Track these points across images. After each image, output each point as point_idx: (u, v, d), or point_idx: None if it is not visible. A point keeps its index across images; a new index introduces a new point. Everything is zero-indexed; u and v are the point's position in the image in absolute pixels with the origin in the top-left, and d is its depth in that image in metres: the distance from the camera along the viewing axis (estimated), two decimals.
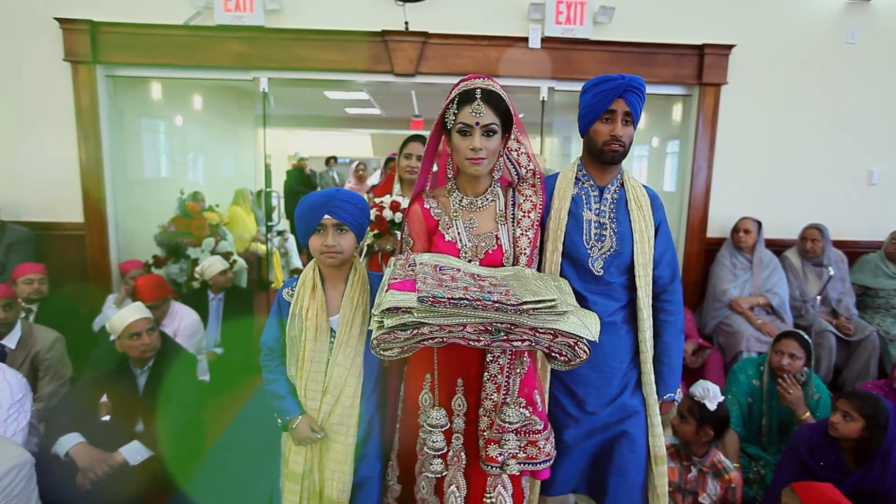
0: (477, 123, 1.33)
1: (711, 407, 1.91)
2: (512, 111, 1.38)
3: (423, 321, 1.17)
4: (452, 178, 1.48)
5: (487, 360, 1.39)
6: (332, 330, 1.49)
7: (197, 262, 3.73)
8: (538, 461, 1.43)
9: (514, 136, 1.45)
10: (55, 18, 3.18)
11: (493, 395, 1.40)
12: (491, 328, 1.19)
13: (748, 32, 3.40)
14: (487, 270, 1.37)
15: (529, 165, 1.50)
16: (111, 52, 3.28)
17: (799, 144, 3.53)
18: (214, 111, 5.35)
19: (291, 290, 1.52)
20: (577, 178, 1.56)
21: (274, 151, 7.41)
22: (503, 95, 1.36)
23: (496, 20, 3.36)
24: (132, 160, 3.98)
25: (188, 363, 2.40)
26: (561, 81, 3.48)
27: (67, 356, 2.59)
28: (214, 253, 3.84)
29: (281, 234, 5.56)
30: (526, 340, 1.21)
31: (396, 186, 2.46)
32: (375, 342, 1.22)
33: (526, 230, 1.45)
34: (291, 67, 3.38)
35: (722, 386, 2.56)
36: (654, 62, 3.41)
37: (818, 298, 3.11)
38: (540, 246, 1.51)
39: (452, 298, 1.14)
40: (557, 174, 1.60)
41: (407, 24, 3.29)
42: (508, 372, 1.39)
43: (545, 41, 3.34)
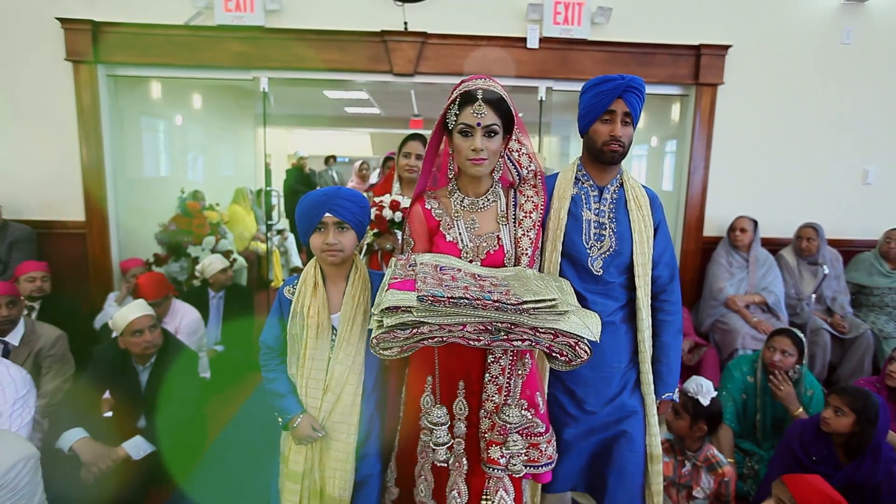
0: (478, 124, 1.33)
1: (705, 402, 1.94)
2: (513, 112, 1.38)
3: (422, 320, 1.17)
4: (454, 178, 1.48)
5: (489, 360, 1.39)
6: (333, 328, 1.50)
7: (197, 260, 3.75)
8: (539, 464, 1.42)
9: (515, 136, 1.45)
10: (57, 18, 3.20)
11: (494, 396, 1.39)
12: (491, 328, 1.19)
13: (744, 33, 3.43)
14: (488, 271, 1.36)
15: (531, 166, 1.50)
16: (112, 51, 3.30)
17: (795, 144, 3.56)
18: (214, 110, 5.38)
19: (292, 288, 1.52)
20: (576, 177, 1.56)
21: (273, 150, 7.43)
22: (504, 96, 1.36)
23: (494, 20, 3.38)
24: (133, 159, 4.00)
25: (190, 360, 2.43)
26: (559, 81, 3.51)
27: (70, 353, 2.62)
28: (215, 251, 3.87)
29: (280, 232, 5.59)
30: (526, 340, 1.21)
31: (396, 185, 2.48)
32: (375, 341, 1.22)
33: (527, 230, 1.44)
34: (291, 67, 3.40)
35: (717, 383, 2.59)
36: (651, 62, 3.44)
37: (813, 297, 3.14)
38: (540, 246, 1.51)
39: (452, 297, 1.13)
40: (557, 174, 1.60)
41: (406, 24, 3.32)
42: (510, 373, 1.39)
43: (543, 41, 3.37)
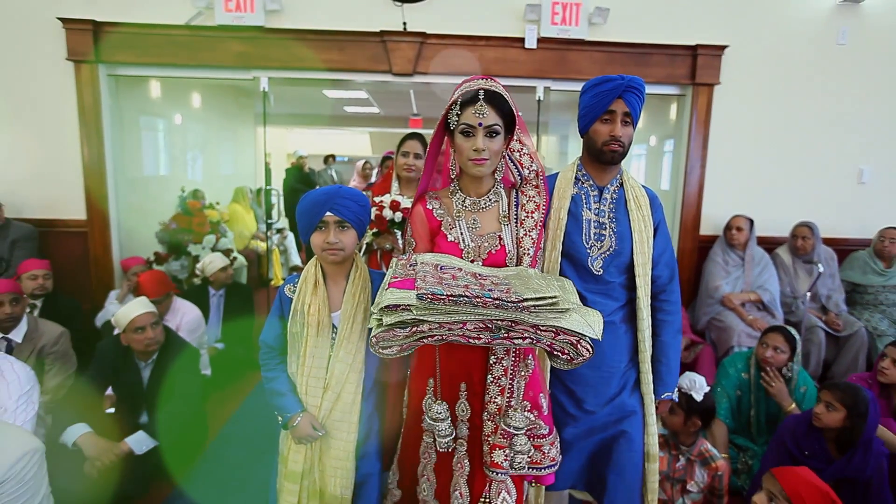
0: (480, 124, 1.33)
1: (698, 398, 1.97)
2: (515, 112, 1.38)
3: (422, 318, 1.16)
4: (455, 179, 1.47)
5: (491, 361, 1.37)
6: (333, 326, 1.50)
7: (198, 258, 3.78)
8: (542, 466, 1.42)
9: (516, 136, 1.45)
10: (58, 18, 3.23)
11: (496, 398, 1.37)
12: (491, 326, 1.18)
13: (741, 33, 3.46)
14: (489, 270, 1.36)
15: (532, 166, 1.49)
16: (113, 51, 3.32)
17: (790, 144, 3.59)
18: (214, 110, 5.40)
19: (293, 286, 1.52)
20: (576, 177, 1.56)
21: (273, 150, 7.44)
22: (506, 96, 1.36)
23: (493, 21, 3.41)
24: (134, 158, 4.03)
25: (191, 357, 2.46)
26: (557, 81, 3.53)
27: (72, 350, 2.65)
28: (215, 250, 3.90)
29: (280, 231, 5.62)
30: (527, 338, 1.20)
31: (394, 184, 2.50)
32: (374, 340, 1.22)
33: (529, 230, 1.44)
34: (291, 67, 3.42)
35: (712, 380, 2.62)
36: (648, 62, 3.47)
37: (808, 295, 3.17)
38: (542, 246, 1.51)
39: (452, 295, 1.13)
40: (557, 174, 1.60)
41: (405, 24, 3.34)
42: (512, 374, 1.37)
43: (541, 41, 3.40)
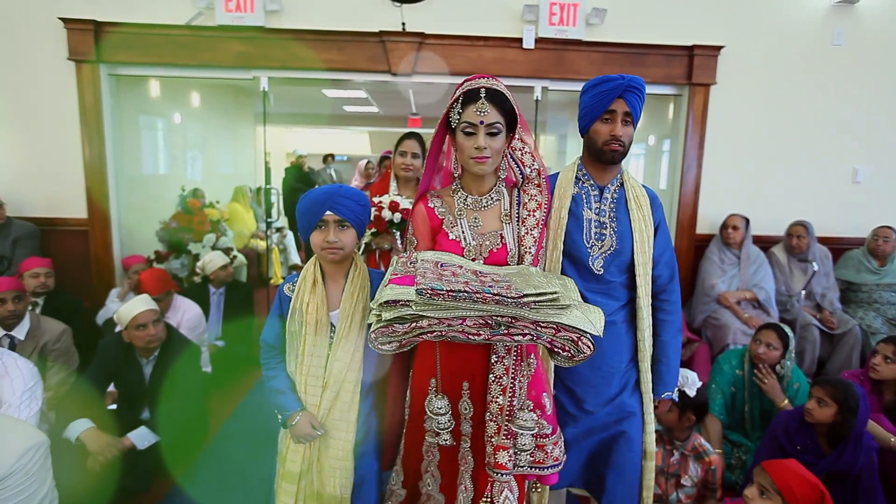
0: (481, 122, 1.33)
1: (691, 393, 2.00)
2: (516, 111, 1.39)
3: (421, 314, 1.16)
4: (457, 177, 1.48)
5: (492, 360, 1.36)
6: (332, 325, 1.50)
7: (198, 257, 3.80)
8: (545, 465, 1.41)
9: (518, 135, 1.45)
10: (60, 18, 3.25)
11: (499, 397, 1.36)
12: (491, 322, 1.18)
13: (737, 34, 3.49)
14: (490, 268, 1.35)
15: (534, 165, 1.49)
16: (114, 51, 3.34)
17: (786, 143, 3.62)
18: (214, 109, 5.43)
19: (292, 285, 1.53)
20: (577, 177, 1.57)
21: (272, 149, 7.48)
22: (507, 95, 1.36)
23: (491, 21, 3.44)
24: (134, 157, 4.05)
25: (192, 354, 2.48)
26: (554, 81, 3.56)
27: (74, 347, 2.68)
28: (215, 248, 3.92)
29: (280, 230, 5.64)
30: (527, 335, 1.20)
31: (393, 184, 2.52)
32: (373, 335, 1.22)
33: (531, 229, 1.43)
34: (291, 67, 3.45)
35: (708, 377, 2.66)
36: (645, 62, 3.49)
37: (803, 293, 3.20)
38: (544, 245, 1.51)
39: (451, 291, 1.13)
40: (557, 174, 1.61)
41: (404, 24, 3.37)
42: (514, 374, 1.36)
43: (539, 42, 3.42)
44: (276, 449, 1.62)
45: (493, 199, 1.46)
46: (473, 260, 1.39)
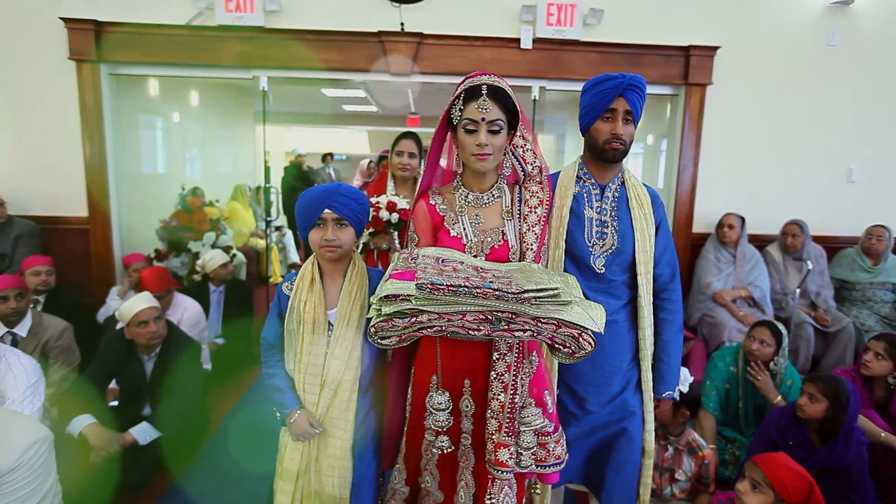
0: (483, 119, 1.33)
1: (684, 390, 2.02)
2: (518, 108, 1.39)
3: (421, 308, 1.16)
4: (459, 174, 1.48)
5: (494, 357, 1.36)
6: (329, 323, 1.50)
7: (198, 255, 3.83)
8: (547, 464, 1.41)
9: (519, 132, 1.45)
10: (60, 18, 3.27)
11: (500, 395, 1.35)
12: (492, 317, 1.18)
13: (733, 35, 3.52)
14: (492, 264, 1.35)
15: (535, 162, 1.48)
16: (115, 51, 3.36)
17: (781, 143, 3.65)
18: (213, 108, 5.44)
19: (291, 284, 1.53)
20: (578, 176, 1.57)
21: (271, 148, 7.49)
22: (509, 92, 1.36)
23: (489, 21, 3.46)
24: (134, 156, 4.07)
25: (193, 351, 2.51)
26: (552, 81, 3.59)
27: (75, 344, 2.70)
28: (215, 247, 3.94)
29: (279, 229, 5.66)
30: (528, 330, 1.19)
31: (390, 184, 2.52)
32: (373, 330, 1.22)
33: (532, 226, 1.43)
34: (291, 66, 3.47)
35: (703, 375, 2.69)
36: (641, 63, 3.52)
37: (798, 291, 3.24)
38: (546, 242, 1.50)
39: (451, 285, 1.12)
40: (559, 173, 1.61)
41: (402, 25, 3.39)
42: (516, 371, 1.36)
43: (536, 42, 3.45)
44: (276, 446, 1.62)
45: (494, 195, 1.45)
46: (475, 257, 1.39)
